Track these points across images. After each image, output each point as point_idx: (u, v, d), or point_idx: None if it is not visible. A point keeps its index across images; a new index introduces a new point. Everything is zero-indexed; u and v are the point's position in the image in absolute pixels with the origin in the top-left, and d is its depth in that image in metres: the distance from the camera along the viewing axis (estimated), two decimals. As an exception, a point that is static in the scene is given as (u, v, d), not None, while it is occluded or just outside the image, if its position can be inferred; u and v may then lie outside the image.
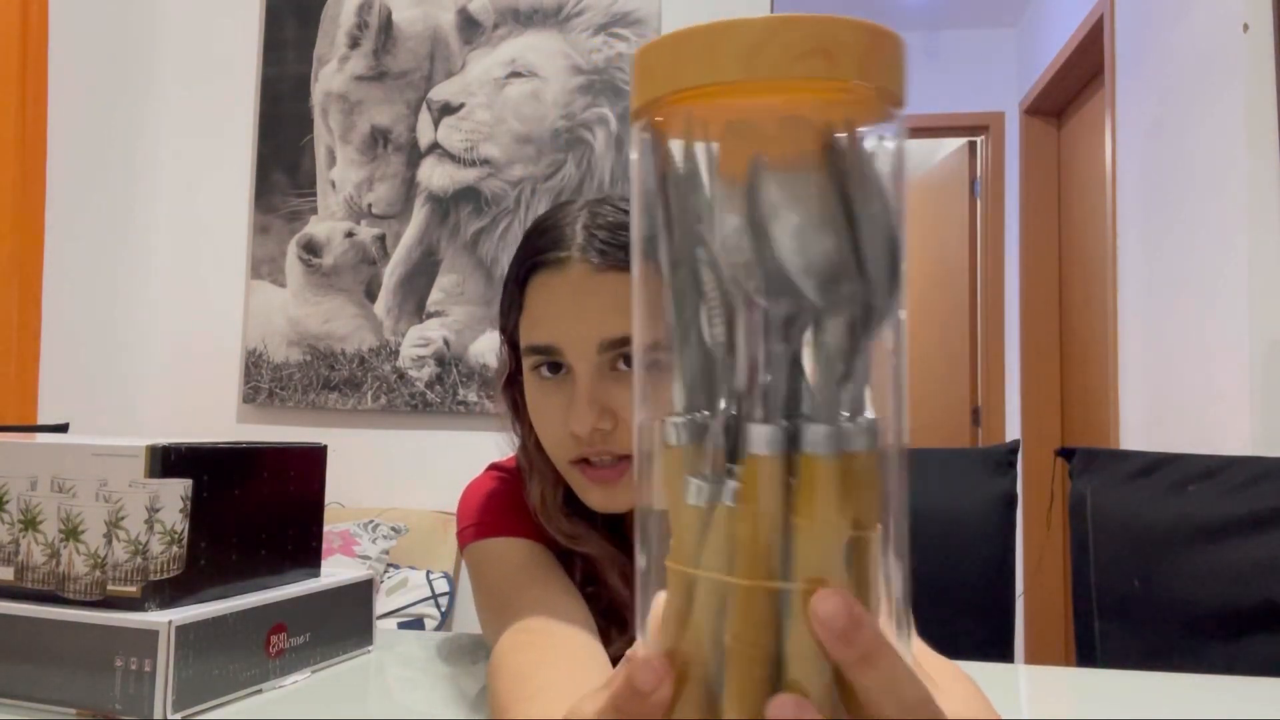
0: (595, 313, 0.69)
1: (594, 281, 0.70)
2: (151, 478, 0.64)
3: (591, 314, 0.69)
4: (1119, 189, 2.67)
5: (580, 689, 0.59)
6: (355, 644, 0.80)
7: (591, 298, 0.70)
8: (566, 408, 0.70)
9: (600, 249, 0.71)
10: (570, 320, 0.70)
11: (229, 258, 2.47)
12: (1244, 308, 1.89)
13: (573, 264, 0.70)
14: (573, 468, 0.72)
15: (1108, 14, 2.73)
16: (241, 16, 2.50)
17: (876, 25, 0.29)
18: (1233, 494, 1.18)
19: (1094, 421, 3.01)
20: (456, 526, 0.82)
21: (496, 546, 0.77)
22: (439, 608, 2.00)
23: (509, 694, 0.59)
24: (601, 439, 0.70)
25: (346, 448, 2.26)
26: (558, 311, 0.71)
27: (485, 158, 2.37)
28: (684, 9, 2.37)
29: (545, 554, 0.77)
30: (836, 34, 0.28)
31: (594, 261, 0.70)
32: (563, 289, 0.71)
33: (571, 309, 0.70)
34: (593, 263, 0.70)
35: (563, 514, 0.76)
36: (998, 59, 3.93)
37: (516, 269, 0.74)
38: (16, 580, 0.66)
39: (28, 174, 1.97)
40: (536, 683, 0.59)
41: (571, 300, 0.70)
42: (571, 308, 0.70)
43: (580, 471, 0.72)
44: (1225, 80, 2.00)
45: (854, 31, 0.29)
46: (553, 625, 0.67)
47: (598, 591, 0.77)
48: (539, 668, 0.61)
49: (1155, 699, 0.74)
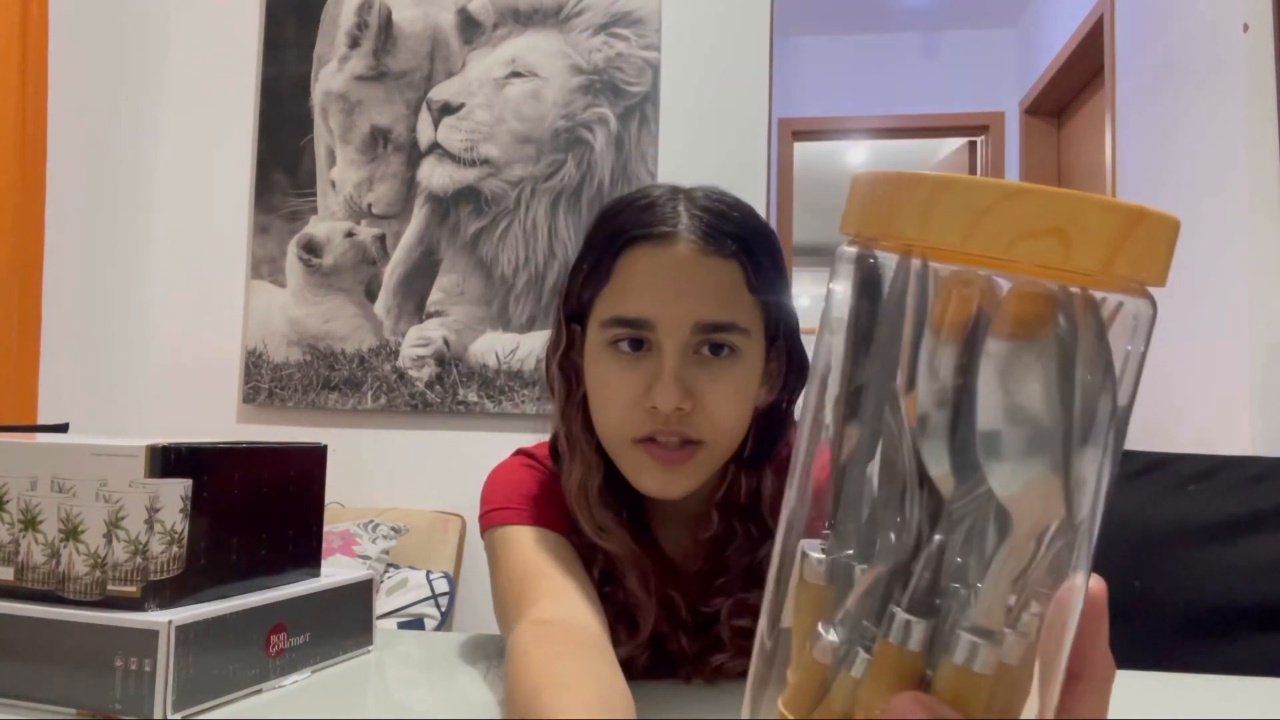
0: (697, 292, 0.70)
1: (699, 262, 0.71)
2: (151, 478, 0.64)
3: (693, 293, 0.70)
4: (1119, 189, 2.66)
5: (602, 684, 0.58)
6: (355, 644, 0.80)
7: (695, 277, 0.71)
8: (644, 384, 0.70)
9: (705, 232, 0.72)
10: (671, 296, 0.70)
11: (229, 258, 2.47)
12: (1244, 308, 1.89)
13: (679, 241, 0.71)
14: (635, 447, 0.72)
15: (1108, 14, 2.73)
16: (241, 16, 2.50)
17: (1135, 206, 0.24)
18: (1233, 494, 1.18)
19: (1094, 421, 3.01)
20: (480, 509, 0.82)
21: (519, 534, 0.77)
22: (439, 608, 2.00)
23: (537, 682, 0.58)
24: (678, 419, 0.70)
25: (346, 448, 2.26)
26: (658, 285, 0.71)
27: (485, 158, 2.37)
28: (684, 9, 2.37)
29: (566, 547, 0.77)
30: (1076, 214, 0.24)
31: (699, 243, 0.71)
32: (667, 264, 0.71)
33: (673, 285, 0.70)
34: (698, 244, 0.71)
35: (598, 502, 0.76)
36: (998, 59, 3.93)
37: (609, 241, 0.74)
38: (16, 580, 0.66)
39: (28, 174, 1.97)
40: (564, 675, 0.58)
41: (674, 276, 0.71)
42: (673, 284, 0.71)
43: (645, 450, 0.71)
44: (1225, 80, 2.00)
45: (1101, 214, 0.24)
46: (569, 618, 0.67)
47: (614, 592, 0.77)
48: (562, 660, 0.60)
49: (1155, 699, 0.74)
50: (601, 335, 0.73)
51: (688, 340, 0.70)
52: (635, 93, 2.34)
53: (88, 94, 2.26)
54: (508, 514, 0.78)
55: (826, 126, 4.10)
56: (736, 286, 0.72)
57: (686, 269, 0.71)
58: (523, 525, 0.77)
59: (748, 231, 0.74)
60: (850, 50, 4.02)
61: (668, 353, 0.70)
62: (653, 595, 0.76)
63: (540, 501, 0.79)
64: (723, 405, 0.71)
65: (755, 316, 0.73)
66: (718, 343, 0.71)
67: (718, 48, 2.36)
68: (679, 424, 0.70)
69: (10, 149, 1.93)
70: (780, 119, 3.93)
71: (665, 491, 0.73)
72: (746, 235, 0.73)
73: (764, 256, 0.74)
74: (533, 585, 0.71)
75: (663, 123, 2.34)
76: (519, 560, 0.75)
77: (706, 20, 2.37)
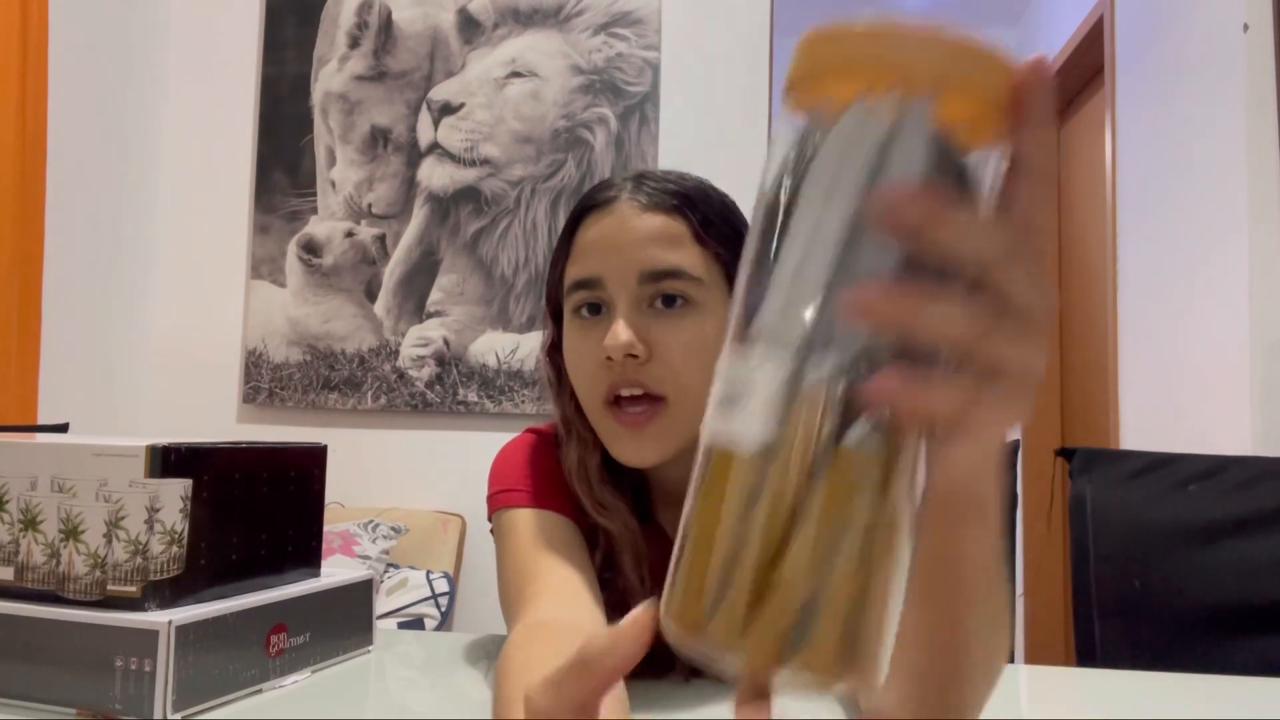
0: (638, 244, 0.73)
1: (639, 218, 0.74)
2: (151, 478, 0.64)
3: (634, 245, 0.73)
4: (1119, 189, 2.66)
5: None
6: (355, 644, 0.80)
7: (635, 230, 0.73)
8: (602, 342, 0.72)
9: (647, 192, 0.75)
10: (614, 251, 0.73)
11: (229, 258, 2.47)
12: (1244, 308, 1.89)
13: (620, 203, 0.75)
14: (606, 414, 0.74)
15: (1108, 14, 2.73)
16: (241, 16, 2.50)
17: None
18: (1233, 494, 1.18)
19: (1094, 421, 3.01)
20: (488, 490, 0.82)
21: (525, 517, 0.77)
22: (439, 608, 2.00)
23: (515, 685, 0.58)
24: (634, 369, 0.72)
25: (346, 448, 2.26)
26: (603, 244, 0.74)
27: (485, 158, 2.37)
28: (684, 9, 2.37)
29: (571, 532, 0.77)
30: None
31: (640, 201, 0.74)
32: (609, 224, 0.74)
33: (615, 240, 0.74)
34: (639, 202, 0.74)
35: (597, 479, 0.77)
36: (998, 59, 3.93)
37: (568, 223, 0.78)
38: (16, 580, 0.66)
39: (28, 174, 1.97)
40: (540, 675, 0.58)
41: (616, 232, 0.74)
42: (616, 239, 0.74)
43: (613, 416, 0.73)
44: (1225, 80, 2.00)
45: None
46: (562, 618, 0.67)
47: (613, 579, 0.77)
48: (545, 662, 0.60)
49: (1155, 699, 0.74)
50: (569, 304, 0.76)
51: (636, 291, 0.73)
52: (635, 93, 2.34)
53: (88, 94, 2.26)
54: (513, 496, 0.79)
55: (826, 126, 4.09)
56: (681, 237, 0.74)
57: (629, 224, 0.74)
58: (526, 509, 0.78)
59: (692, 190, 0.76)
60: (850, 50, 4.01)
61: (619, 304, 0.73)
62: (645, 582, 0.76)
63: (545, 481, 0.80)
64: (680, 355, 0.72)
65: (710, 269, 0.74)
66: (669, 293, 0.73)
67: (718, 48, 2.36)
68: (635, 373, 0.72)
69: (10, 149, 1.93)
70: (780, 119, 3.93)
71: (639, 457, 0.74)
72: (690, 193, 0.76)
73: (712, 214, 0.76)
74: (530, 583, 0.71)
75: (663, 123, 2.34)
76: (520, 552, 0.75)
77: (706, 20, 2.37)
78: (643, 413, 0.72)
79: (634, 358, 0.71)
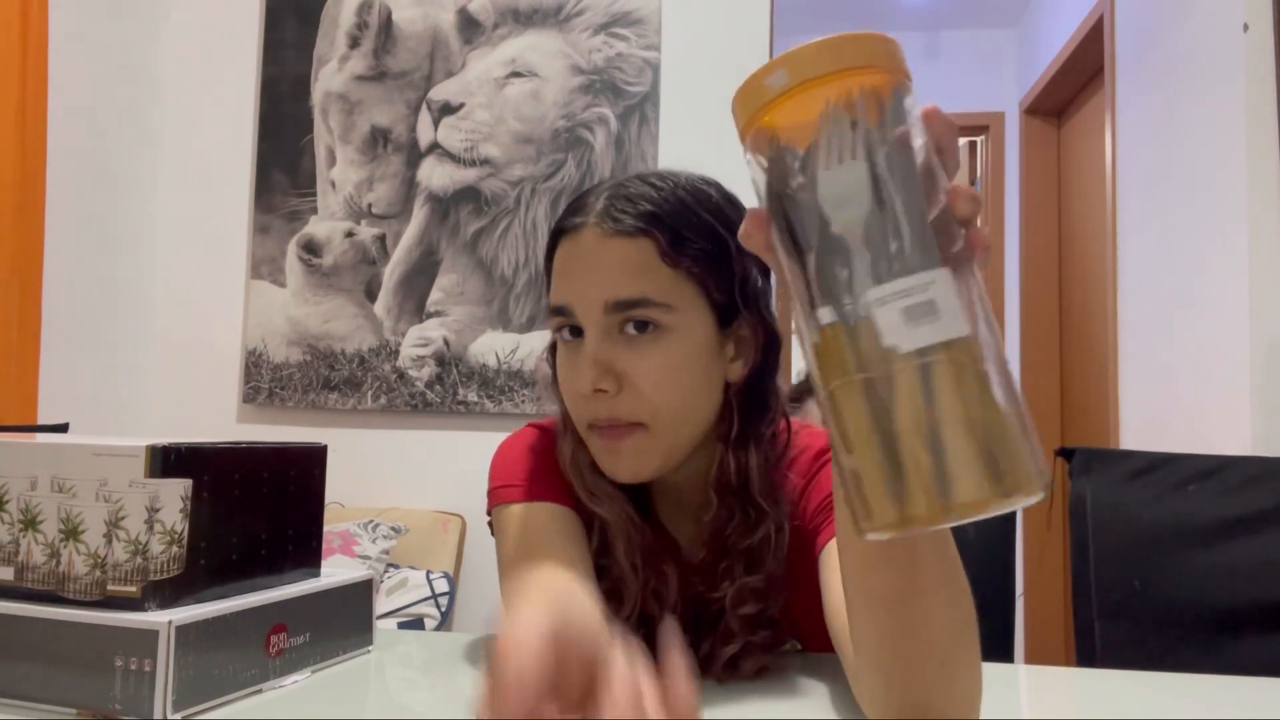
0: (602, 274, 0.72)
1: (605, 245, 0.73)
2: (151, 478, 0.64)
3: (598, 275, 0.72)
4: (1119, 189, 2.66)
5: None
6: (355, 644, 0.80)
7: (600, 260, 0.73)
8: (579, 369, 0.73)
9: (615, 216, 0.73)
10: (580, 281, 0.73)
11: (229, 258, 2.47)
12: (1244, 308, 1.89)
13: (587, 229, 0.74)
14: (590, 432, 0.75)
15: (1108, 14, 2.73)
16: (241, 16, 2.50)
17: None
18: (1233, 494, 1.18)
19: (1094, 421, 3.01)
20: (488, 484, 0.83)
21: (518, 513, 0.78)
22: (439, 608, 2.00)
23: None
24: (606, 404, 0.72)
25: (346, 448, 2.26)
26: (571, 273, 0.74)
27: (485, 158, 2.37)
28: (684, 9, 2.37)
29: (566, 520, 0.78)
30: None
31: (607, 227, 0.73)
32: (576, 252, 0.74)
33: (581, 270, 0.73)
34: (605, 228, 0.73)
35: (588, 469, 0.78)
36: (998, 59, 3.93)
37: (549, 243, 0.78)
38: (16, 580, 0.66)
39: (28, 174, 1.97)
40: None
41: (582, 262, 0.73)
42: (581, 269, 0.73)
43: (596, 435, 0.74)
44: (1225, 80, 2.00)
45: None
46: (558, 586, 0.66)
47: (608, 565, 0.77)
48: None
49: (1155, 699, 0.74)
50: (551, 325, 0.77)
51: (603, 321, 0.72)
52: (635, 93, 2.34)
53: (88, 94, 2.26)
54: (508, 492, 0.80)
55: (826, 126, 4.09)
56: (647, 262, 0.72)
57: (592, 253, 0.73)
58: (521, 504, 0.79)
59: (663, 206, 0.74)
60: (850, 50, 4.00)
61: (587, 336, 0.73)
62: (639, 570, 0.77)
63: (542, 473, 0.81)
64: (651, 382, 0.72)
65: (682, 289, 0.73)
66: (639, 319, 0.72)
67: (718, 48, 2.36)
68: (609, 408, 0.72)
69: (10, 149, 1.93)
70: (780, 119, 3.92)
71: (619, 473, 0.74)
72: (660, 210, 0.74)
73: (684, 229, 0.73)
74: (529, 567, 0.71)
75: (663, 123, 2.34)
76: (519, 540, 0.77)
77: (706, 20, 2.37)
78: (622, 431, 0.73)
79: (604, 392, 0.72)
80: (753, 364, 0.77)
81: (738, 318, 0.76)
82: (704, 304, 0.74)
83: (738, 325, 0.76)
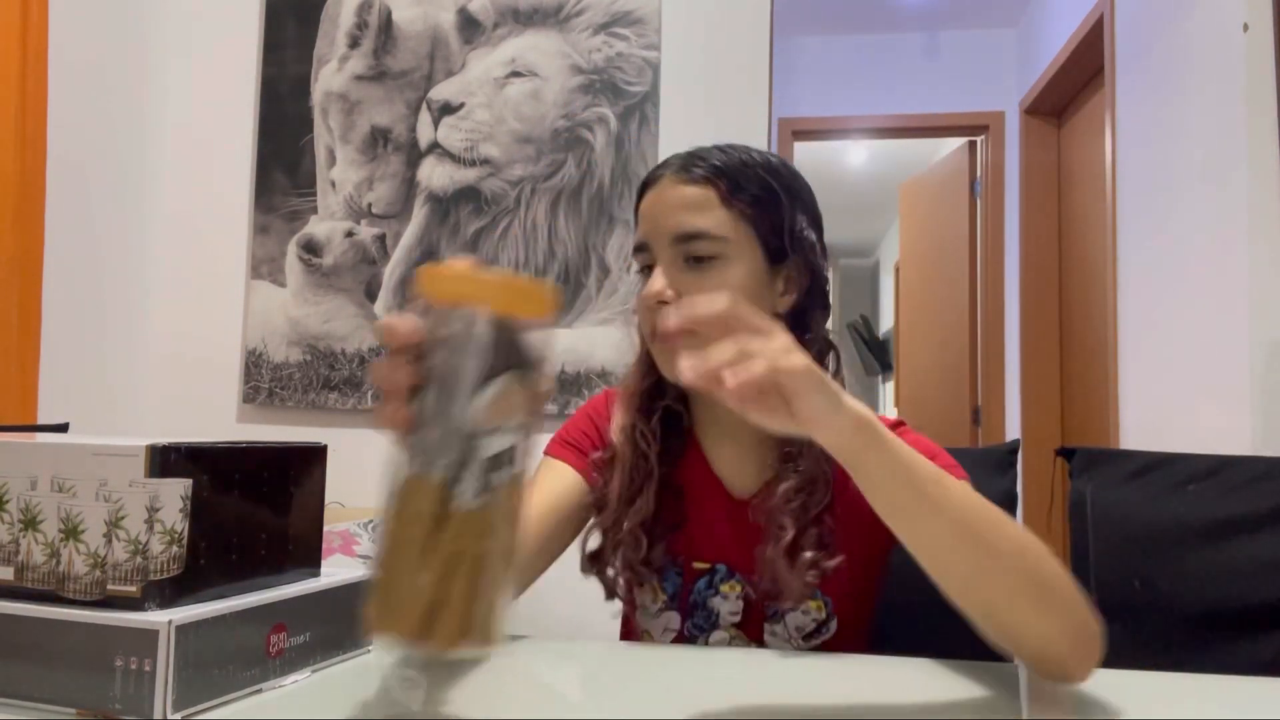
0: (672, 212, 0.89)
1: (677, 190, 0.89)
2: (151, 477, 0.64)
3: (669, 213, 0.89)
4: (1119, 189, 2.67)
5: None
6: (355, 644, 0.80)
7: (672, 201, 0.89)
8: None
9: (687, 168, 0.90)
10: (655, 220, 0.90)
11: (229, 258, 2.47)
12: (1244, 308, 1.89)
13: (665, 179, 0.91)
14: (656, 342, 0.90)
15: (1108, 14, 2.73)
16: (241, 16, 2.50)
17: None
18: (1233, 494, 1.18)
19: (1094, 421, 3.01)
20: None
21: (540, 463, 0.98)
22: (439, 608, 2.00)
23: None
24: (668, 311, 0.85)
25: (346, 448, 2.25)
26: (650, 214, 0.91)
27: (485, 157, 2.37)
28: (684, 9, 2.37)
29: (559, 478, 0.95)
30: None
31: (681, 176, 0.90)
32: (655, 197, 0.91)
33: (656, 210, 0.90)
34: (679, 177, 0.90)
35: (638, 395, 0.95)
36: (998, 59, 3.93)
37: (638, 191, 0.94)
38: (16, 580, 0.66)
39: (28, 174, 1.97)
40: None
41: (658, 203, 0.90)
42: (656, 209, 0.90)
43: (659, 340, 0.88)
44: (1225, 80, 2.00)
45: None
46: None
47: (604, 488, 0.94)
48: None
49: (1155, 699, 0.74)
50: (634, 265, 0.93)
51: (671, 252, 0.88)
52: (635, 93, 2.34)
53: (87, 94, 2.26)
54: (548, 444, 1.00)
55: (826, 126, 4.10)
56: (709, 203, 0.88)
57: (666, 195, 0.90)
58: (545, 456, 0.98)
59: (727, 163, 0.90)
60: (850, 50, 4.01)
61: (660, 261, 0.89)
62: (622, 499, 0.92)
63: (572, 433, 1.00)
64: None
65: (738, 229, 0.89)
66: (697, 254, 0.88)
67: (718, 48, 2.36)
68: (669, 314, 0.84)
69: (10, 149, 1.93)
70: (780, 119, 3.93)
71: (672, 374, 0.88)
72: (724, 165, 0.90)
73: (744, 180, 0.89)
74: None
75: (663, 123, 2.33)
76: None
77: (706, 20, 2.37)
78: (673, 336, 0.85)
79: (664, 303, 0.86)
80: (797, 300, 0.92)
81: (787, 260, 0.91)
82: (755, 242, 0.89)
83: (787, 266, 0.91)
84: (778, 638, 0.94)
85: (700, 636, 0.95)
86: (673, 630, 0.96)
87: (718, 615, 0.94)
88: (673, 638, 0.96)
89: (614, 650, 0.91)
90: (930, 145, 4.87)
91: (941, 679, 0.77)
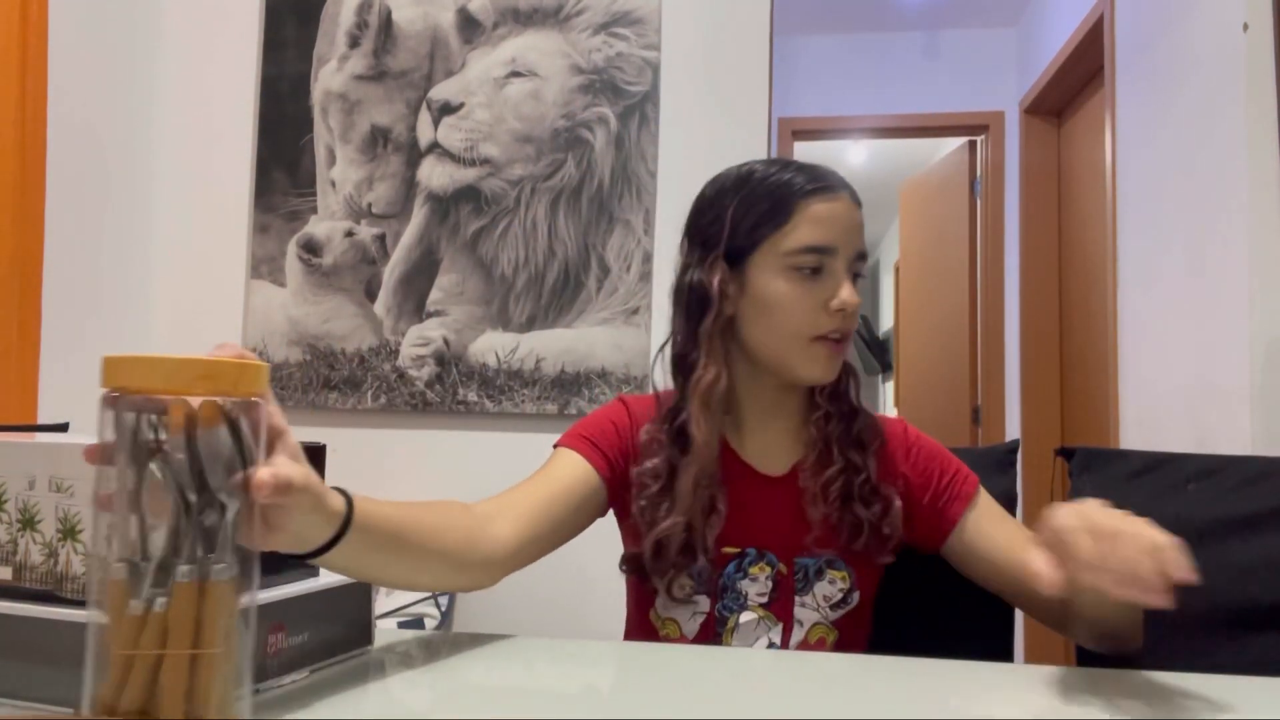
0: (857, 232, 1.01)
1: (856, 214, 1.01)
2: (150, 477, 0.63)
3: (856, 232, 1.00)
4: (1119, 189, 2.66)
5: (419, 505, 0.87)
6: (355, 644, 0.80)
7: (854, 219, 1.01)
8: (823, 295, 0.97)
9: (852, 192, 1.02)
10: (844, 231, 0.99)
11: (229, 257, 2.47)
12: (1244, 307, 1.89)
13: (843, 198, 1.00)
14: (813, 344, 0.98)
15: (1108, 14, 2.73)
16: (241, 16, 2.50)
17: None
18: (1233, 494, 1.18)
19: (1094, 421, 3.01)
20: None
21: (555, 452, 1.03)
22: (439, 608, 2.00)
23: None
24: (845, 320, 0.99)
25: (346, 447, 2.26)
26: (840, 224, 0.99)
27: (485, 157, 2.37)
28: (684, 9, 2.37)
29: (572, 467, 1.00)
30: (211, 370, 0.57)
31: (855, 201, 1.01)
32: (840, 209, 1.00)
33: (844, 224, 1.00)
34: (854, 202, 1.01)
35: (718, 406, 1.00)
36: (998, 59, 3.93)
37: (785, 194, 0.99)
38: (15, 580, 0.66)
39: (28, 174, 1.97)
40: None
41: (845, 218, 1.00)
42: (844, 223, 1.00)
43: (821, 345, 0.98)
44: (1225, 80, 2.00)
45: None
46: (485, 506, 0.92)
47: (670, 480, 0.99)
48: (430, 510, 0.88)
49: (1155, 699, 0.74)
50: (782, 263, 0.98)
51: (851, 266, 1.00)
52: (635, 92, 2.34)
53: (87, 93, 2.26)
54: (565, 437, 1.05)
55: (826, 126, 4.10)
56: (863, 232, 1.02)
57: (850, 214, 1.00)
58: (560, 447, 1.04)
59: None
60: (850, 50, 4.01)
61: (841, 271, 0.99)
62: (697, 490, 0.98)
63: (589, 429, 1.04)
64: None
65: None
66: (859, 273, 1.01)
67: (718, 48, 2.36)
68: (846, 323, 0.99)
69: (10, 149, 1.93)
70: (780, 119, 3.93)
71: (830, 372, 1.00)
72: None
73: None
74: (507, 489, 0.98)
75: (663, 123, 2.34)
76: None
77: (706, 20, 2.37)
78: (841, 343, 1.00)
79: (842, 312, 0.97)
80: None
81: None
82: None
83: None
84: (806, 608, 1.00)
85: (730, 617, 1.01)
86: (702, 614, 1.01)
87: (745, 596, 1.00)
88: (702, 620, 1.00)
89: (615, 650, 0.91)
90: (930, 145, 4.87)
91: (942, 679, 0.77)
